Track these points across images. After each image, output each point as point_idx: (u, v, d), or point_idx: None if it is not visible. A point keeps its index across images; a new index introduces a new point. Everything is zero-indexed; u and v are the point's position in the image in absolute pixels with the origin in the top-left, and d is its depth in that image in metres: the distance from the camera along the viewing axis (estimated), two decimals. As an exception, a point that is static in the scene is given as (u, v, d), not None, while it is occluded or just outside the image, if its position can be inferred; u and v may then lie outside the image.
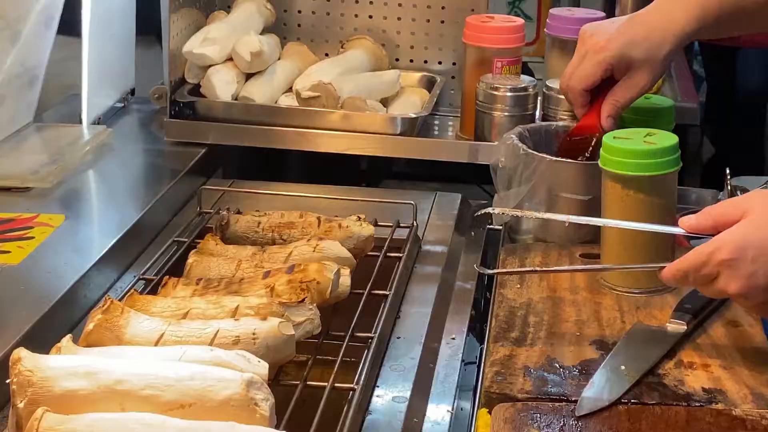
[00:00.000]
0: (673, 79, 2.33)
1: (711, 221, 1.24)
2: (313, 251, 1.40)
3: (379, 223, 1.62)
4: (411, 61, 2.16)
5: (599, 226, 1.51)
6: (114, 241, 1.59)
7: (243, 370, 1.09)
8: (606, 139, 1.49)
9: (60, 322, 1.37)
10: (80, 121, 2.01)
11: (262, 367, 1.13)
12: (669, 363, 1.30)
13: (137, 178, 1.91)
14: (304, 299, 1.26)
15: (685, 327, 1.35)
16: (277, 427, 1.08)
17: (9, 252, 1.51)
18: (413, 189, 2.07)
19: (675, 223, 1.36)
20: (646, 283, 1.47)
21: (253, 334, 1.18)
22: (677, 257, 1.26)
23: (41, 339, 1.24)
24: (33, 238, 1.56)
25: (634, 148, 1.46)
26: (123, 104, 2.19)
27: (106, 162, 1.91)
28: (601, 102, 1.60)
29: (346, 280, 1.35)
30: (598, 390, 1.24)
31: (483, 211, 1.47)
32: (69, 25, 2.03)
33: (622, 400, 1.23)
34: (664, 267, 1.26)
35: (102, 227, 1.70)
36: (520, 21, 1.98)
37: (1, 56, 1.78)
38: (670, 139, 1.47)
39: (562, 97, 1.84)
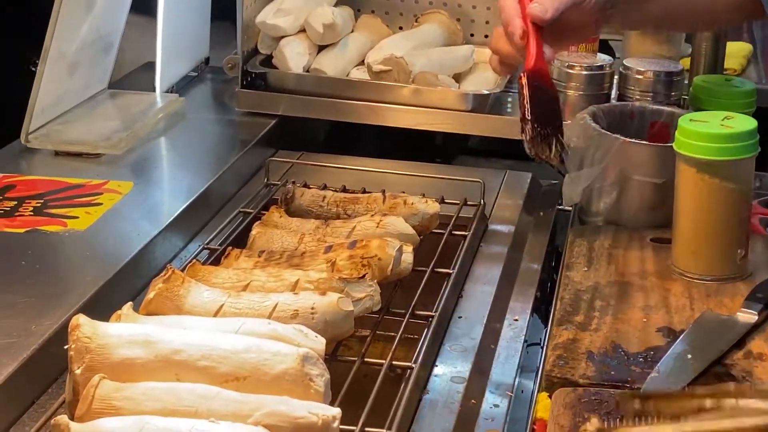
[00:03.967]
0: (758, 61, 2.27)
1: None
2: (377, 227, 1.39)
3: (446, 201, 1.60)
4: (486, 36, 2.13)
5: (672, 211, 1.48)
6: (181, 209, 1.59)
7: (300, 345, 1.09)
8: (682, 121, 1.45)
9: (124, 288, 1.38)
10: (154, 89, 2.02)
11: (319, 343, 1.12)
12: (737, 353, 1.26)
13: (207, 147, 1.92)
14: (364, 275, 1.25)
15: (756, 317, 1.31)
16: (331, 403, 1.07)
17: (77, 217, 1.52)
18: (485, 166, 2.05)
19: (750, 211, 1.31)
20: (718, 270, 1.44)
21: (312, 308, 1.17)
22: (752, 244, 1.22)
23: (105, 305, 1.25)
24: (101, 204, 1.57)
25: (710, 132, 1.42)
26: (197, 73, 2.20)
27: (177, 130, 1.91)
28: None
29: (408, 257, 1.33)
30: (662, 378, 1.21)
31: None
32: (146, -6, 2.04)
33: (687, 390, 1.19)
34: None
35: (170, 195, 1.71)
36: (598, -3, 1.93)
37: (76, 23, 1.79)
38: (748, 123, 1.43)
39: (640, 77, 1.81)
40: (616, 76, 1.86)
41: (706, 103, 1.66)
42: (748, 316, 1.31)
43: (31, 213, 1.53)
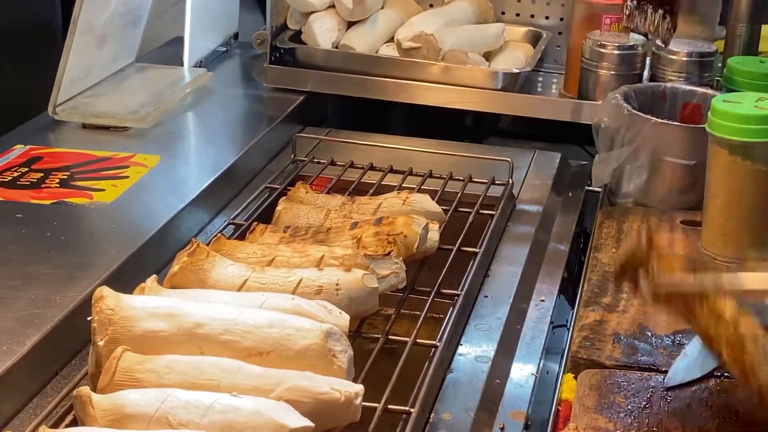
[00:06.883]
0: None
1: None
2: (403, 204, 1.38)
3: (474, 180, 1.59)
4: (517, 14, 2.11)
5: (703, 194, 1.46)
6: (207, 184, 1.58)
7: (323, 321, 1.08)
8: (715, 102, 1.43)
9: (149, 261, 1.37)
10: (182, 64, 2.01)
11: (343, 319, 1.11)
12: (767, 338, 1.24)
13: (234, 122, 1.91)
14: (389, 252, 1.24)
15: (787, 301, 1.29)
16: (355, 380, 1.06)
17: (103, 190, 1.52)
18: (515, 147, 2.03)
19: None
20: (749, 254, 1.41)
21: (336, 284, 1.16)
22: None
23: (129, 277, 1.24)
24: (128, 177, 1.57)
25: (744, 113, 1.39)
26: (225, 48, 2.19)
27: (204, 105, 1.91)
28: None
29: (434, 235, 1.32)
30: (690, 361, 1.19)
31: None
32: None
33: (715, 374, 1.18)
34: None
35: (196, 170, 1.70)
36: (632, -24, 1.90)
37: (105, -5, 1.79)
38: (783, 104, 1.40)
39: (673, 57, 1.78)
40: (648, 57, 1.84)
41: (740, 84, 1.63)
42: (778, 301, 1.29)
43: (58, 185, 1.52)
